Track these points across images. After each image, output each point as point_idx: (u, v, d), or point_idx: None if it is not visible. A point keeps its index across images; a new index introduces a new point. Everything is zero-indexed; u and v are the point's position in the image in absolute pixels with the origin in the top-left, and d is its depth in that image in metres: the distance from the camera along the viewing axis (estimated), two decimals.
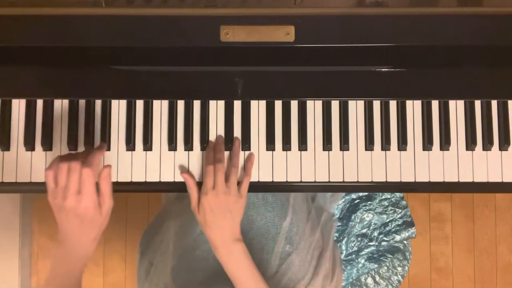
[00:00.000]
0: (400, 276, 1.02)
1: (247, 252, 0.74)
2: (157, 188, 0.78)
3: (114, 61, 0.77)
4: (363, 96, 0.78)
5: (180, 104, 0.80)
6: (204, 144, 0.79)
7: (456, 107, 0.80)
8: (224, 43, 0.72)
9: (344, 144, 0.79)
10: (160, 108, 0.80)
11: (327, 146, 0.79)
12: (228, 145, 0.79)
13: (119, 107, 0.80)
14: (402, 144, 0.79)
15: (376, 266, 1.01)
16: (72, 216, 0.67)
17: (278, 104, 0.80)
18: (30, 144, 0.78)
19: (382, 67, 0.77)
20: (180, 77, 0.77)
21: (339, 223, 1.03)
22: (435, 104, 0.80)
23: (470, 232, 1.66)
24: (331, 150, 0.79)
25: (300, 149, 0.79)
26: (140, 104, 0.80)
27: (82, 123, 0.79)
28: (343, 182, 0.79)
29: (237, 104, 0.80)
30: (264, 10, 0.73)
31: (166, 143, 0.79)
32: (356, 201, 1.03)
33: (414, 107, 0.80)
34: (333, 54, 0.76)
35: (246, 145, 0.79)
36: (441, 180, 0.79)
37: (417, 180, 0.79)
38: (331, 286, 0.90)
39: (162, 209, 1.02)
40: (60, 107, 0.79)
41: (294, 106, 0.80)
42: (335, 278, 0.92)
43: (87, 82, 0.77)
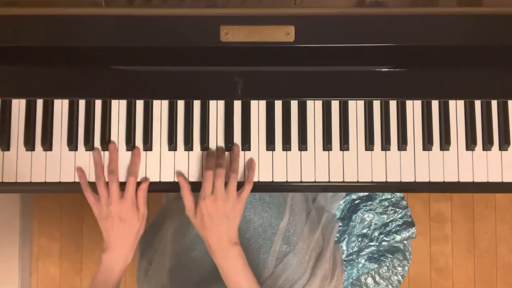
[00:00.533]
0: (400, 276, 1.02)
1: (243, 256, 0.74)
2: (157, 188, 0.78)
3: (114, 61, 0.77)
4: (363, 96, 0.78)
5: (180, 104, 0.80)
6: (204, 144, 0.79)
7: (456, 107, 0.80)
8: (224, 43, 0.72)
9: (344, 144, 0.79)
10: (160, 108, 0.80)
11: (327, 146, 0.79)
12: (228, 145, 0.79)
13: (119, 107, 0.80)
14: (402, 144, 0.79)
15: (376, 266, 1.01)
16: (116, 220, 0.74)
17: (278, 104, 0.80)
18: (30, 144, 0.78)
19: (382, 67, 0.77)
20: (180, 77, 0.77)
21: (339, 223, 1.03)
22: (435, 104, 0.80)
23: (470, 232, 1.66)
24: (331, 150, 0.79)
25: (300, 149, 0.79)
26: (140, 104, 0.80)
27: (82, 123, 0.79)
28: (343, 182, 0.79)
29: (237, 104, 0.80)
30: (264, 10, 0.73)
31: (166, 143, 0.79)
32: (356, 201, 1.03)
33: (414, 107, 0.80)
34: (333, 54, 0.76)
35: (246, 145, 0.79)
36: (441, 180, 0.79)
37: (417, 180, 0.79)
38: (330, 286, 0.90)
39: (162, 209, 1.02)
40: (60, 107, 0.79)
41: (294, 106, 0.80)
42: (335, 278, 0.91)
43: (87, 82, 0.77)
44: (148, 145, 0.79)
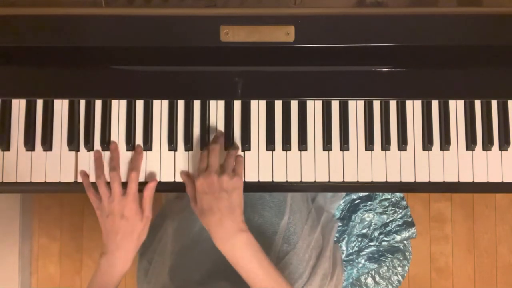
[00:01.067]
0: (400, 276, 1.02)
1: (253, 241, 0.69)
2: (157, 188, 0.78)
3: (114, 61, 0.77)
4: (363, 96, 0.78)
5: (180, 104, 0.80)
6: (204, 144, 0.79)
7: (456, 107, 0.80)
8: (224, 43, 0.73)
9: (344, 144, 0.79)
10: (160, 108, 0.80)
11: (327, 146, 0.79)
12: (229, 145, 0.79)
13: (119, 107, 0.80)
14: (402, 144, 0.79)
15: (376, 266, 1.01)
16: (118, 218, 0.72)
17: (278, 104, 0.80)
18: (30, 144, 0.78)
19: (382, 67, 0.77)
20: (180, 77, 0.77)
21: (339, 223, 1.03)
22: (435, 104, 0.80)
23: (470, 232, 1.66)
24: (331, 150, 0.79)
25: (300, 149, 0.79)
26: (140, 104, 0.80)
27: (82, 123, 0.79)
28: (343, 182, 0.79)
29: (237, 104, 0.80)
30: (264, 10, 0.73)
31: (166, 143, 0.79)
32: (356, 201, 1.03)
33: (414, 107, 0.80)
34: (333, 54, 0.76)
35: (246, 145, 0.79)
36: (441, 180, 0.79)
37: (417, 180, 0.79)
38: (330, 285, 0.90)
39: (162, 209, 1.02)
40: (60, 107, 0.79)
41: (294, 106, 0.80)
42: (335, 278, 0.91)
43: (87, 82, 0.77)
44: (148, 145, 0.79)
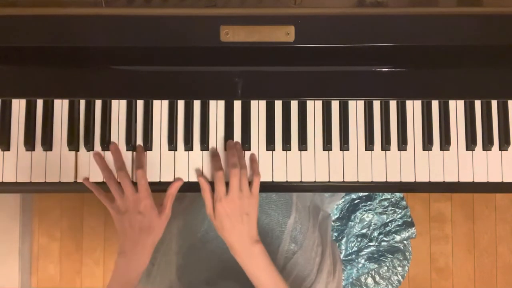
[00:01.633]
0: (400, 276, 1.02)
1: (265, 252, 0.74)
2: (157, 188, 0.78)
3: (114, 61, 0.77)
4: (363, 96, 0.78)
5: (180, 104, 0.80)
6: (204, 144, 0.79)
7: (456, 107, 0.80)
8: (224, 43, 0.72)
9: (344, 144, 0.79)
10: (160, 108, 0.80)
11: (327, 146, 0.79)
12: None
13: (119, 107, 0.80)
14: (402, 144, 0.79)
15: (376, 266, 1.01)
16: (134, 214, 0.73)
17: (278, 104, 0.80)
18: (30, 144, 0.78)
19: (382, 67, 0.77)
20: (180, 77, 0.77)
21: (338, 222, 1.03)
22: (435, 104, 0.80)
23: (470, 232, 1.66)
24: (331, 150, 0.79)
25: (300, 149, 0.79)
26: (140, 104, 0.80)
27: (82, 123, 0.79)
28: (343, 182, 0.79)
29: (237, 104, 0.80)
30: (264, 10, 0.73)
31: (166, 143, 0.79)
32: (356, 201, 1.03)
33: (414, 107, 0.80)
34: (333, 54, 0.76)
35: (246, 145, 0.79)
36: (441, 180, 0.79)
37: (417, 180, 0.79)
38: (333, 282, 0.90)
39: None
40: (60, 107, 0.79)
41: (294, 106, 0.80)
42: (336, 274, 0.92)
43: (87, 82, 0.77)
44: (148, 145, 0.79)
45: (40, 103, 0.79)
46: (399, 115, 0.79)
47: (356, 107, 0.80)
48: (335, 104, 0.80)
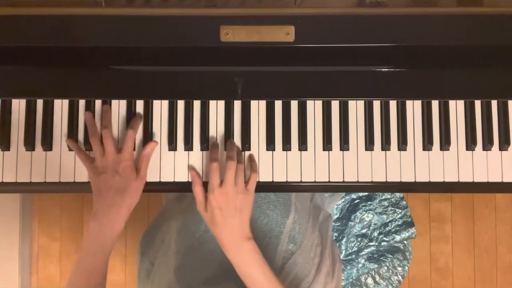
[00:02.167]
0: (400, 276, 1.02)
1: (258, 250, 0.72)
2: (157, 188, 0.78)
3: (114, 61, 0.77)
4: (363, 96, 0.78)
5: (180, 104, 0.80)
6: (204, 144, 0.79)
7: (456, 107, 0.80)
8: (224, 43, 0.72)
9: (344, 144, 0.79)
10: (160, 108, 0.80)
11: (327, 146, 0.79)
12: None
13: (119, 107, 0.80)
14: (402, 144, 0.79)
15: (376, 266, 1.01)
16: (111, 174, 0.71)
17: (278, 104, 0.80)
18: (30, 144, 0.78)
19: (382, 67, 0.77)
20: (180, 77, 0.77)
21: (338, 222, 1.03)
22: (435, 104, 0.80)
23: (470, 232, 1.66)
24: (331, 150, 0.79)
25: (300, 149, 0.79)
26: (140, 104, 0.80)
27: (82, 123, 0.79)
28: (343, 182, 0.79)
29: (237, 104, 0.80)
30: (264, 10, 0.73)
31: (166, 143, 0.79)
32: (356, 201, 1.03)
33: (414, 107, 0.80)
34: (333, 54, 0.76)
35: (246, 145, 0.79)
36: (441, 180, 0.79)
37: (417, 180, 0.79)
38: (332, 282, 0.90)
39: (162, 209, 1.02)
40: (60, 107, 0.79)
41: (294, 106, 0.80)
42: (336, 275, 0.92)
43: (87, 82, 0.77)
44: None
45: (40, 103, 0.79)
46: (399, 115, 0.79)
47: (356, 107, 0.80)
48: (335, 104, 0.80)
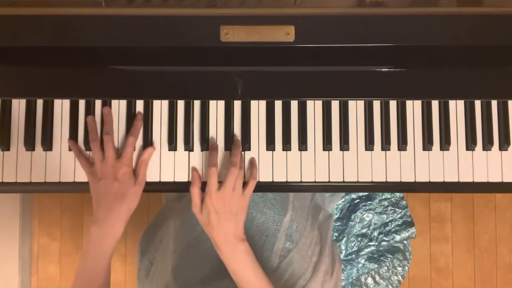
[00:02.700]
0: (400, 276, 1.02)
1: (250, 251, 0.73)
2: (157, 188, 0.78)
3: (114, 61, 0.77)
4: (363, 96, 0.78)
5: (180, 104, 0.80)
6: (204, 144, 0.79)
7: (456, 107, 0.80)
8: (224, 43, 0.72)
9: (344, 144, 0.79)
10: (160, 108, 0.80)
11: (327, 146, 0.79)
12: (229, 145, 0.79)
13: (119, 107, 0.80)
14: (402, 144, 0.79)
15: (376, 266, 1.01)
16: (110, 181, 0.72)
17: (278, 104, 0.80)
18: (30, 144, 0.78)
19: (382, 67, 0.77)
20: (180, 77, 0.77)
21: (338, 222, 1.03)
22: (435, 104, 0.80)
23: (470, 232, 1.66)
24: (331, 150, 0.79)
25: (300, 149, 0.79)
26: (140, 104, 0.80)
27: (82, 123, 0.79)
28: (343, 182, 0.79)
29: (237, 104, 0.80)
30: (264, 10, 0.73)
31: (166, 143, 0.79)
32: (356, 201, 1.03)
33: (414, 107, 0.80)
34: (333, 54, 0.76)
35: (246, 145, 0.79)
36: (441, 180, 0.79)
37: (417, 180, 0.79)
38: (331, 281, 0.90)
39: (162, 209, 1.03)
40: (60, 107, 0.79)
41: (294, 106, 0.80)
42: (335, 274, 0.92)
43: (87, 82, 0.77)
44: (148, 145, 0.78)
45: (40, 103, 0.79)
46: (399, 115, 0.79)
47: (356, 107, 0.80)
48: (335, 104, 0.80)
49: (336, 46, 0.74)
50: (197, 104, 0.80)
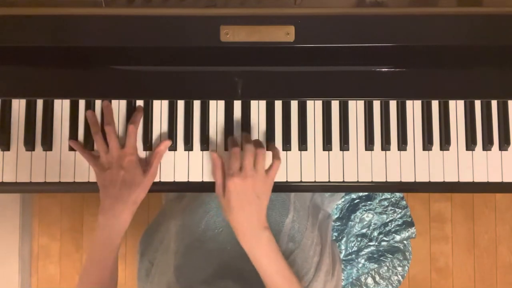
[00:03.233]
0: (400, 276, 1.02)
1: (274, 240, 0.71)
2: (157, 188, 0.78)
3: (114, 61, 0.77)
4: (363, 96, 0.78)
5: (180, 104, 0.80)
6: (204, 144, 0.79)
7: (456, 107, 0.80)
8: (224, 43, 0.72)
9: (344, 144, 0.79)
10: (160, 108, 0.80)
11: (327, 146, 0.79)
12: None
13: (119, 107, 0.80)
14: (402, 144, 0.79)
15: (376, 266, 1.02)
16: (116, 169, 0.72)
17: (278, 104, 0.80)
18: (30, 144, 0.78)
19: (382, 67, 0.77)
20: (180, 77, 0.77)
21: (338, 222, 1.03)
22: (435, 104, 0.80)
23: (470, 232, 1.66)
24: (331, 150, 0.79)
25: (300, 149, 0.79)
26: (140, 104, 0.80)
27: (82, 123, 0.79)
28: (343, 182, 0.79)
29: (237, 104, 0.80)
30: (264, 10, 0.73)
31: None
32: (356, 201, 1.04)
33: (414, 107, 0.80)
34: (333, 54, 0.76)
35: None
36: (441, 180, 0.79)
37: (417, 180, 0.79)
38: (332, 281, 0.90)
39: (162, 209, 1.02)
40: (60, 107, 0.79)
41: (294, 106, 0.80)
42: (335, 274, 0.92)
43: (87, 82, 0.77)
44: (148, 145, 0.79)
45: (40, 103, 0.79)
46: (399, 115, 0.79)
47: (356, 107, 0.80)
48: (335, 104, 0.80)
49: (336, 46, 0.74)
50: (197, 104, 0.80)
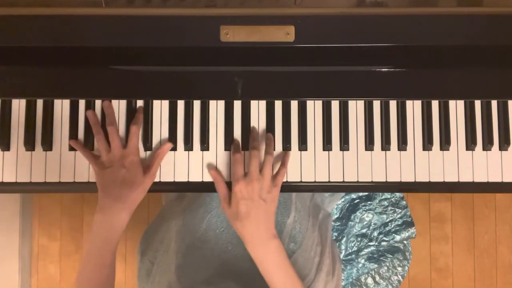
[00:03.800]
0: (400, 276, 1.02)
1: (283, 248, 0.70)
2: (157, 188, 0.78)
3: (114, 61, 0.77)
4: (363, 96, 0.78)
5: (180, 104, 0.80)
6: (204, 144, 0.79)
7: (456, 107, 0.80)
8: (224, 43, 0.72)
9: (344, 144, 0.79)
10: (160, 108, 0.80)
11: (327, 146, 0.79)
12: (228, 145, 0.79)
13: (119, 107, 0.80)
14: (402, 144, 0.79)
15: (376, 266, 1.01)
16: (117, 168, 0.71)
17: (278, 104, 0.80)
18: (30, 144, 0.78)
19: (382, 67, 0.77)
20: (180, 77, 0.77)
21: (338, 222, 1.03)
22: (435, 104, 0.80)
23: (470, 232, 1.66)
24: (331, 150, 0.79)
25: (300, 149, 0.79)
26: (140, 104, 0.80)
27: (82, 123, 0.79)
28: (343, 182, 0.79)
29: (237, 104, 0.80)
30: (264, 10, 0.73)
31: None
32: (356, 201, 1.03)
33: (414, 107, 0.80)
34: (333, 54, 0.76)
35: (247, 145, 0.79)
36: (441, 180, 0.79)
37: (417, 180, 0.79)
38: (333, 282, 0.90)
39: (162, 209, 1.02)
40: (60, 107, 0.79)
41: (294, 106, 0.80)
42: (336, 273, 0.92)
43: (87, 82, 0.77)
44: (148, 145, 0.79)
45: (40, 103, 0.79)
46: (399, 115, 0.79)
47: (356, 107, 0.80)
48: (335, 104, 0.80)
49: (336, 46, 0.74)
50: (197, 104, 0.80)
